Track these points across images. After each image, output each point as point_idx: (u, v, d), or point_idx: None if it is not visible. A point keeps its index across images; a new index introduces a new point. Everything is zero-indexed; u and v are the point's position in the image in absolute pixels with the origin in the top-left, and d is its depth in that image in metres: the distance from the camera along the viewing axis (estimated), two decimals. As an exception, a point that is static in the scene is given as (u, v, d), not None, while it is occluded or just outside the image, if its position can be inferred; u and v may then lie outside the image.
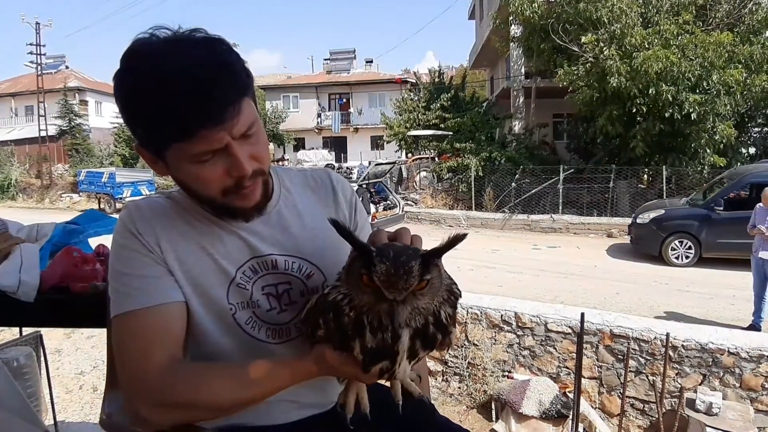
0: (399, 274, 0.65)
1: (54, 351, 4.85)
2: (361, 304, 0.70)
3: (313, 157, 25.63)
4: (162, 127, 0.77)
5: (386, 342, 0.69)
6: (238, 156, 0.79)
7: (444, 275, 0.74)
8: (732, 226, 8.07)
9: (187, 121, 0.75)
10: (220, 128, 0.76)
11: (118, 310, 0.83)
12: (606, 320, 4.01)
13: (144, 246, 0.85)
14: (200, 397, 0.79)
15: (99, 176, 18.26)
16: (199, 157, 0.79)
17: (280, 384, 0.81)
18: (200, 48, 0.78)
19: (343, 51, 33.27)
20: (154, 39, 0.78)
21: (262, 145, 0.85)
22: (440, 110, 18.86)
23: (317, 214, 0.97)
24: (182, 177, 0.84)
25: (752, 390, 3.64)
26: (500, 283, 7.60)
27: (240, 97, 0.78)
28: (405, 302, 0.67)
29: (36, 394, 2.11)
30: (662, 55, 10.28)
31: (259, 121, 0.84)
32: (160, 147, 0.80)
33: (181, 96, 0.73)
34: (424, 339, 0.71)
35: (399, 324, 0.67)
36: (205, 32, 0.81)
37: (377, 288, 0.67)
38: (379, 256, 0.67)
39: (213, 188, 0.82)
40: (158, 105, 0.75)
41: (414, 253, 0.68)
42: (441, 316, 0.72)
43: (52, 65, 30.06)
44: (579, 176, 13.15)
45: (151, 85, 0.74)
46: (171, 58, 0.75)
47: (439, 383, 4.49)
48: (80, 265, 1.64)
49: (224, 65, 0.78)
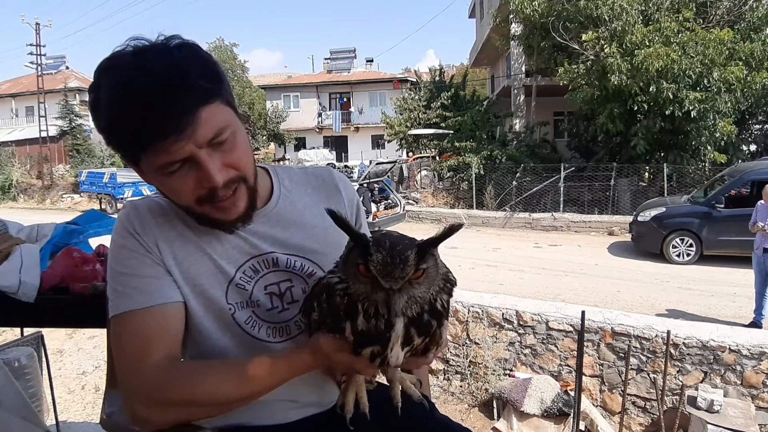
0: (395, 263, 0.66)
1: (56, 351, 4.86)
2: (358, 293, 0.70)
3: (314, 156, 25.66)
4: (121, 141, 0.78)
5: (379, 328, 0.70)
6: (206, 166, 0.78)
7: (440, 264, 0.74)
8: (733, 224, 8.06)
9: (140, 134, 0.74)
10: (176, 139, 0.74)
11: (116, 310, 0.83)
12: (607, 318, 4.00)
13: (142, 246, 0.85)
14: (197, 394, 0.79)
15: (100, 177, 18.27)
16: (165, 168, 0.78)
17: (278, 378, 0.80)
18: (160, 58, 0.76)
19: (343, 50, 33.26)
20: (124, 51, 0.78)
21: (238, 151, 0.82)
22: (441, 109, 18.84)
23: (319, 213, 0.97)
24: (158, 187, 0.84)
25: (753, 387, 3.64)
26: (501, 282, 7.60)
27: (198, 104, 0.76)
28: (401, 291, 0.68)
29: (37, 395, 2.11)
30: (663, 53, 10.25)
31: (234, 126, 0.81)
32: (129, 159, 0.81)
33: (134, 108, 0.73)
34: (418, 326, 0.71)
35: (395, 313, 0.68)
36: (180, 39, 0.80)
37: (374, 277, 0.68)
38: (375, 246, 0.68)
39: (185, 198, 0.82)
40: (112, 118, 0.76)
41: (410, 243, 0.69)
42: (436, 304, 0.73)
43: (52, 66, 30.06)
44: (580, 174, 13.13)
45: (108, 99, 0.75)
46: (127, 72, 0.75)
47: (440, 382, 4.49)
48: (80, 266, 1.65)
49: (181, 74, 0.75)
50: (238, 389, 0.80)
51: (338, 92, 31.25)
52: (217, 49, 29.84)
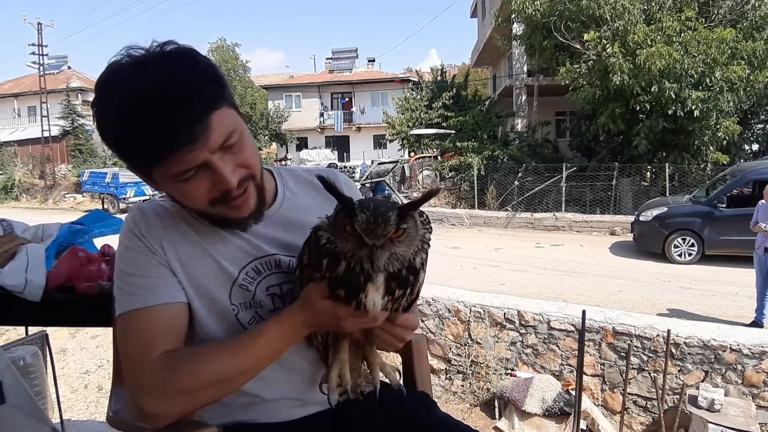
0: (378, 222, 0.73)
1: (59, 351, 4.87)
2: (344, 250, 0.76)
3: (315, 156, 25.65)
4: (133, 156, 0.79)
5: (356, 272, 0.76)
6: (220, 170, 0.80)
7: (419, 226, 0.80)
8: (735, 223, 8.05)
9: (153, 149, 0.75)
10: (190, 148, 0.76)
11: (122, 308, 0.85)
12: (608, 318, 4.01)
13: (148, 248, 0.87)
14: (200, 377, 0.80)
15: (102, 177, 18.32)
16: (180, 176, 0.79)
17: (274, 340, 0.83)
18: (163, 70, 0.77)
19: (345, 50, 33.28)
20: (122, 63, 0.78)
21: (247, 151, 0.85)
22: (442, 109, 18.85)
23: (321, 214, 0.99)
24: (171, 193, 0.86)
25: (754, 386, 3.64)
26: (503, 282, 7.60)
27: (207, 111, 0.77)
28: (383, 248, 0.74)
29: (42, 393, 2.12)
30: (665, 52, 10.23)
31: (240, 126, 0.83)
32: (142, 172, 0.83)
33: (143, 124, 0.74)
34: (397, 280, 0.78)
35: (378, 267, 0.75)
36: (175, 44, 0.81)
37: (359, 236, 0.74)
38: (360, 207, 0.74)
39: (200, 203, 0.84)
40: (121, 135, 0.77)
41: (392, 205, 0.76)
42: (415, 262, 0.79)
43: (54, 66, 30.09)
44: (582, 174, 13.11)
45: (114, 116, 0.76)
46: (132, 85, 0.75)
47: (442, 381, 4.50)
48: (86, 265, 1.66)
49: (186, 84, 0.76)
50: (238, 362, 0.82)
51: (340, 92, 31.26)
52: (219, 49, 29.88)
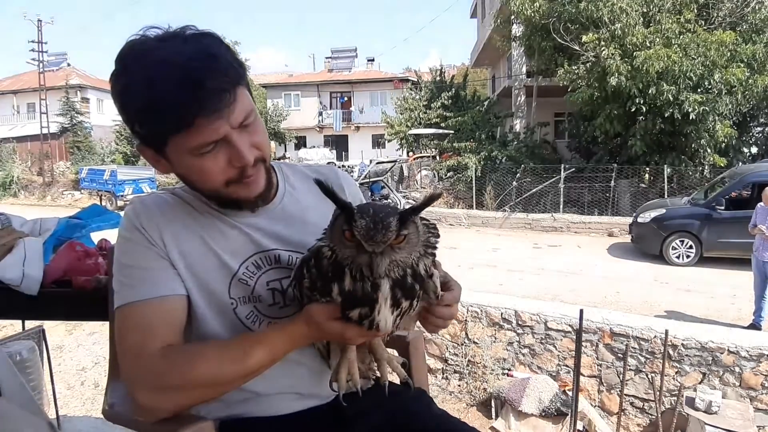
0: (378, 228, 0.71)
1: (55, 347, 4.85)
2: (344, 257, 0.75)
3: (314, 155, 25.65)
4: (159, 120, 0.77)
5: (366, 289, 0.73)
6: (238, 146, 0.81)
7: (421, 231, 0.79)
8: (733, 226, 8.07)
9: (183, 110, 0.75)
10: (217, 116, 0.77)
11: (121, 301, 0.85)
12: (606, 318, 4.01)
13: (147, 240, 0.86)
14: (197, 375, 0.80)
15: (101, 174, 18.30)
16: (199, 150, 0.80)
17: (275, 350, 0.82)
18: (189, 43, 0.78)
19: (344, 49, 33.25)
20: (145, 38, 0.79)
21: (261, 133, 0.86)
22: (441, 109, 18.85)
23: (322, 210, 0.98)
24: (185, 172, 0.85)
25: (752, 389, 3.64)
26: (501, 282, 7.60)
27: (233, 85, 0.79)
28: (384, 255, 0.72)
29: (39, 388, 2.12)
30: (663, 54, 10.25)
31: (255, 110, 0.85)
32: (159, 143, 0.81)
33: (174, 88, 0.74)
34: (403, 289, 0.75)
35: (378, 274, 0.72)
36: (195, 29, 0.82)
37: (358, 242, 0.72)
38: (359, 213, 0.72)
39: (216, 180, 0.84)
40: (152, 99, 0.75)
41: (392, 211, 0.74)
42: (419, 269, 0.77)
43: (53, 63, 30.06)
44: (580, 175, 13.14)
45: (144, 81, 0.75)
46: (160, 53, 0.76)
47: (439, 381, 4.50)
48: (83, 259, 1.66)
49: (213, 56, 0.78)
50: (237, 365, 0.81)
51: (339, 91, 31.23)
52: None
